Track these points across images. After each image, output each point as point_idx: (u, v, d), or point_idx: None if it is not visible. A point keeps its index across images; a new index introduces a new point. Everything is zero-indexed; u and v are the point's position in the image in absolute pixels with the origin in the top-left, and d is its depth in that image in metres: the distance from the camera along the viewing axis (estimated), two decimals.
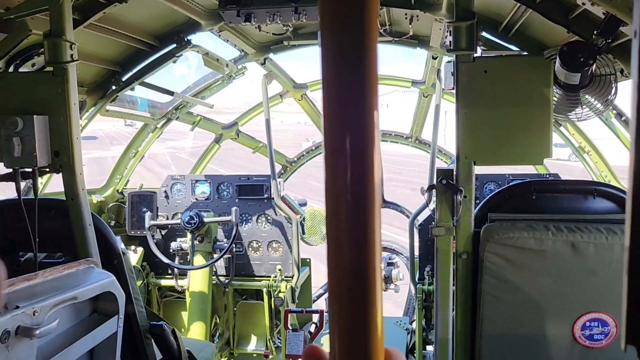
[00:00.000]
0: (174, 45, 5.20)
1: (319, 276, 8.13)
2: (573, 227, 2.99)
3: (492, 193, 3.45)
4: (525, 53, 4.06)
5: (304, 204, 6.59)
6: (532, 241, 3.00)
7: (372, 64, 0.60)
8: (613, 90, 3.14)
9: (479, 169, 3.37)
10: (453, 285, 3.36)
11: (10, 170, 3.44)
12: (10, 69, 3.93)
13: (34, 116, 3.28)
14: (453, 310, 3.39)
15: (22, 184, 3.55)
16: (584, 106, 3.20)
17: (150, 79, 5.52)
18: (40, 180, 5.35)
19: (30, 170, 3.42)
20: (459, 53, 3.13)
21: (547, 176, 6.03)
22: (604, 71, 3.11)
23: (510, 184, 3.51)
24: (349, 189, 0.61)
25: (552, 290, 3.05)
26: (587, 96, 3.17)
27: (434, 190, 3.37)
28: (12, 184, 3.53)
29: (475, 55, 3.14)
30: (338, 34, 0.59)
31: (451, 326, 3.36)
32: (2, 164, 3.46)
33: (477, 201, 3.54)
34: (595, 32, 3.01)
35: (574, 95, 3.14)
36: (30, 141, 3.27)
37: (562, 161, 21.40)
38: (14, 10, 3.44)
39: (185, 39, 5.16)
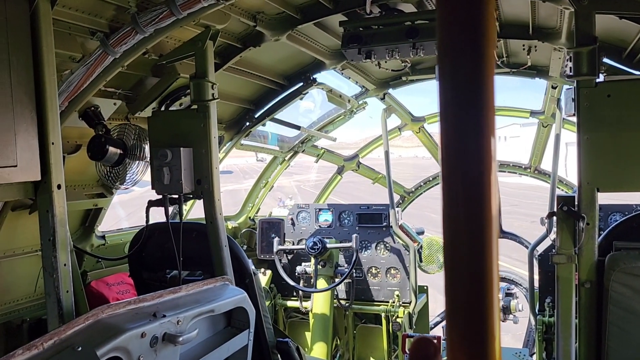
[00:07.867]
0: (301, 83, 5.43)
1: (436, 305, 7.88)
2: None
3: (618, 221, 3.16)
4: None
5: (422, 232, 6.46)
6: None
7: (488, 96, 0.59)
8: None
9: (603, 199, 3.12)
10: (575, 317, 3.11)
11: (160, 196, 3.72)
12: (162, 108, 4.28)
13: (181, 148, 3.53)
14: (576, 342, 3.12)
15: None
16: None
17: (279, 114, 5.76)
18: (185, 207, 5.80)
19: (176, 196, 3.67)
20: (580, 79, 2.97)
21: None
22: None
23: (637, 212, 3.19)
24: (466, 218, 0.60)
25: None
26: None
27: (553, 218, 3.15)
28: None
29: (597, 80, 2.95)
30: (456, 69, 0.59)
31: (574, 358, 3.09)
32: (152, 191, 3.75)
33: (601, 232, 3.27)
34: None
35: None
36: (177, 170, 3.52)
37: None
38: (166, 57, 3.77)
39: (311, 78, 5.37)
